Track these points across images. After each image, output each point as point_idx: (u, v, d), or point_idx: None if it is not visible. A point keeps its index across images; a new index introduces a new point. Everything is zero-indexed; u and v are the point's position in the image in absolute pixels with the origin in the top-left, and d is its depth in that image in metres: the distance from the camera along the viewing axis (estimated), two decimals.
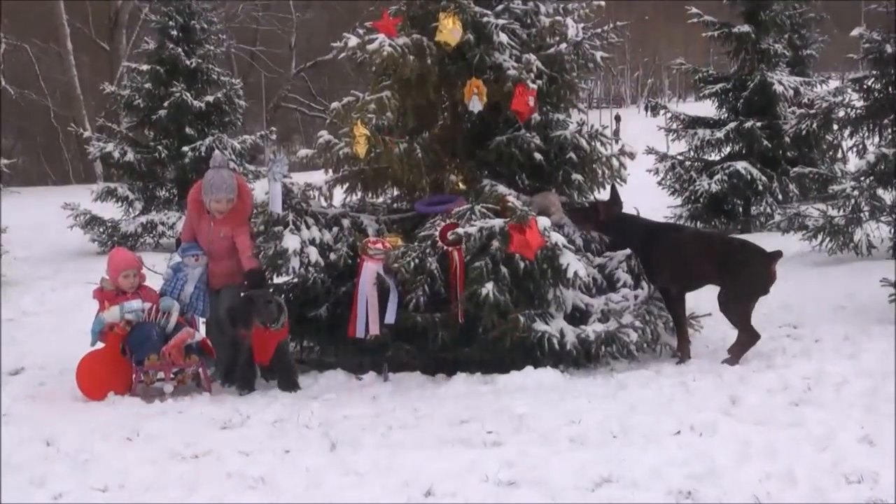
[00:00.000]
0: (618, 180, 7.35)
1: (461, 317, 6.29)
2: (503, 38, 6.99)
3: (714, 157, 15.00)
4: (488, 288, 6.10)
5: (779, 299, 7.73)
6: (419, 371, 6.50)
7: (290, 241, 6.45)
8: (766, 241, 6.92)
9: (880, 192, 10.51)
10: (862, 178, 10.47)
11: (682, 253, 6.60)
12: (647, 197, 13.17)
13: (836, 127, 12.16)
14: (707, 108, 16.08)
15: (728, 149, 14.84)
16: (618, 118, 43.69)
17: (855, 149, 11.81)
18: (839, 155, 14.81)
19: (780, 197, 14.23)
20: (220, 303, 6.68)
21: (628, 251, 7.04)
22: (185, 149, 15.05)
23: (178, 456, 4.79)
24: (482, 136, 7.33)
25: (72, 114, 32.63)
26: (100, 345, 6.43)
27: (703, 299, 6.90)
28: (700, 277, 6.66)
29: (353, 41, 6.76)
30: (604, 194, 7.34)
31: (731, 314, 6.48)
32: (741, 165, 13.98)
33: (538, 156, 7.14)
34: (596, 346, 6.30)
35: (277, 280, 6.97)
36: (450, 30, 6.70)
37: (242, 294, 6.39)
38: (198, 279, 6.67)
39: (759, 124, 14.15)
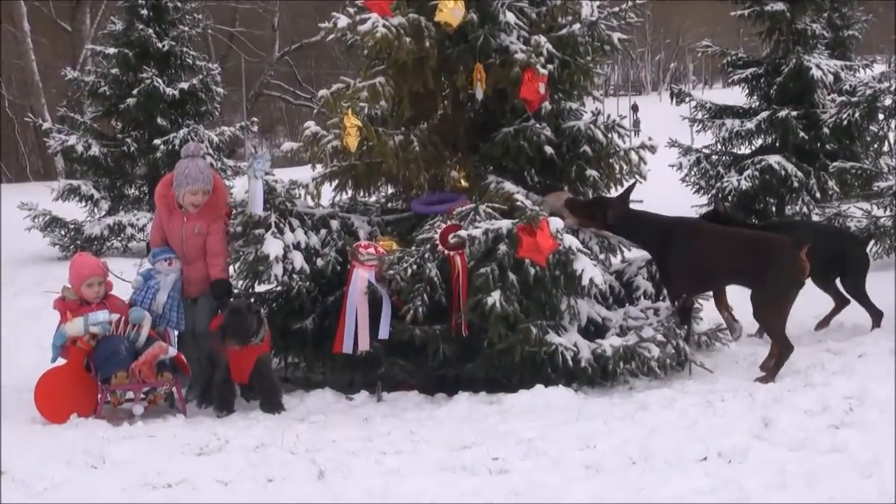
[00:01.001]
0: (637, 176, 7.35)
1: (464, 329, 6.29)
2: (510, 17, 7.01)
3: (744, 150, 15.00)
4: (494, 297, 6.10)
5: (816, 309, 7.73)
6: (416, 390, 6.50)
7: (272, 246, 6.46)
8: None
9: None
10: None
11: (702, 251, 6.62)
12: (669, 195, 13.21)
13: (881, 116, 12.18)
14: (736, 96, 16.10)
15: (760, 141, 14.83)
16: (635, 107, 43.77)
17: None
18: (885, 148, 14.81)
19: (817, 195, 14.21)
20: (197, 313, 6.69)
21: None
22: (157, 141, 15.03)
23: (149, 485, 4.78)
24: (487, 127, 7.34)
25: (29, 103, 32.65)
26: (61, 361, 6.43)
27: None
28: (723, 277, 6.69)
29: (342, 21, 6.77)
30: (613, 192, 7.33)
31: (765, 319, 6.48)
32: (774, 159, 13.96)
33: (549, 149, 7.15)
34: (613, 363, 6.29)
35: (259, 288, 6.97)
36: (450, 9, 6.72)
37: (227, 305, 6.39)
38: (171, 287, 6.67)
39: (794, 114, 14.13)
